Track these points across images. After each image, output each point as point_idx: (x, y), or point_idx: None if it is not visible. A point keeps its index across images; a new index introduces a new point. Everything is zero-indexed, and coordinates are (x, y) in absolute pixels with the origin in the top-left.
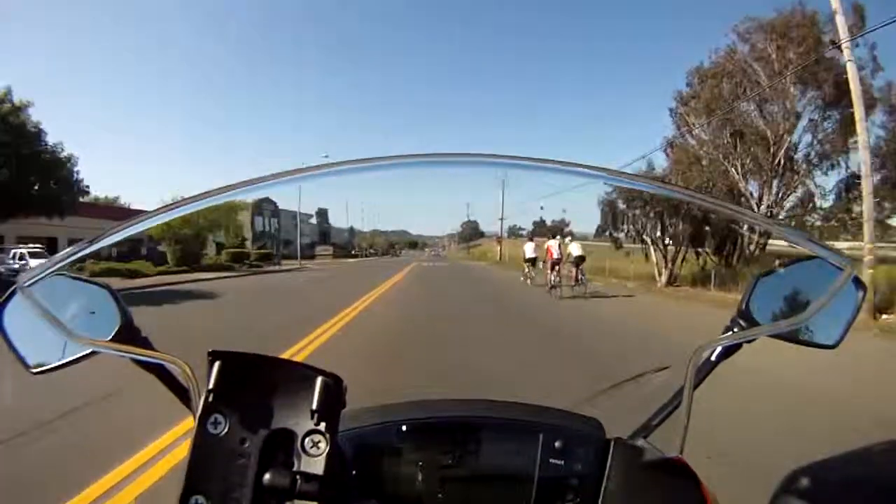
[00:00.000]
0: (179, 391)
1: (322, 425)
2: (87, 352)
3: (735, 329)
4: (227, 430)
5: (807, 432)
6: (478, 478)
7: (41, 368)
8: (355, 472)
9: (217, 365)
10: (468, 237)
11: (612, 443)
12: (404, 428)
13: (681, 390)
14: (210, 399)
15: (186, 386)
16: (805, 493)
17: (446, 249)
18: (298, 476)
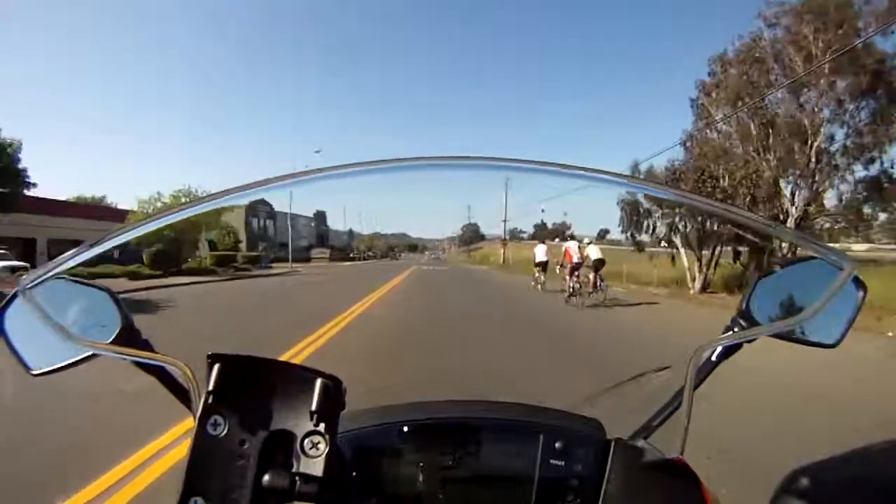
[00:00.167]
0: (180, 393)
1: (321, 427)
2: (87, 354)
3: (735, 329)
4: (226, 431)
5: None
6: (478, 479)
7: (42, 370)
8: (355, 473)
9: (217, 367)
10: (469, 240)
11: (613, 443)
12: (404, 429)
13: (681, 391)
14: (210, 401)
15: (187, 388)
16: (805, 493)
17: (446, 252)
18: (298, 477)
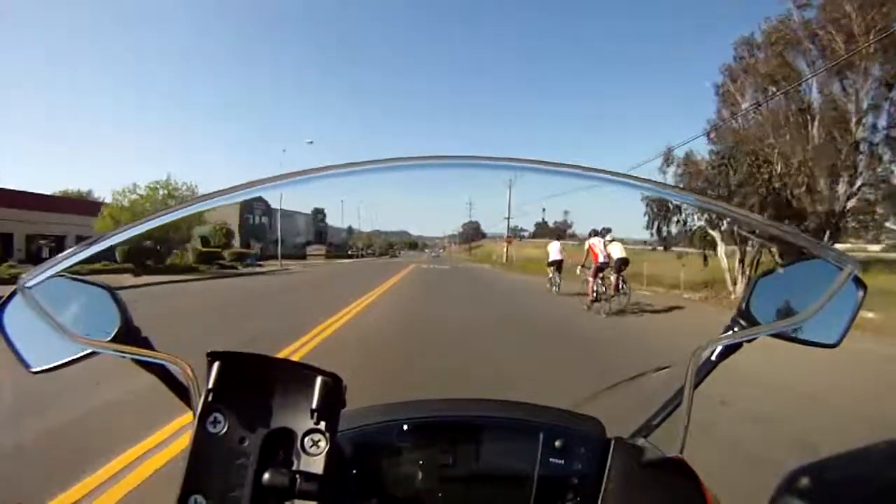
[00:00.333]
0: (180, 390)
1: (322, 424)
2: (87, 352)
3: (735, 328)
4: (226, 429)
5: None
6: (478, 477)
7: (41, 368)
8: (355, 471)
9: (217, 365)
10: (469, 238)
11: (613, 442)
12: (404, 427)
13: (681, 390)
14: (210, 398)
15: (186, 385)
16: (805, 492)
17: (446, 250)
18: (298, 475)
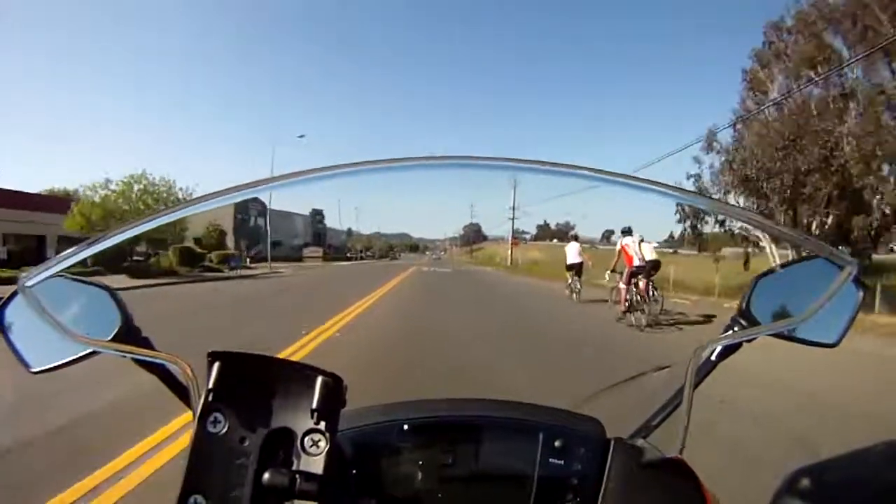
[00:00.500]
0: (180, 390)
1: (322, 424)
2: (87, 352)
3: (735, 328)
4: (226, 429)
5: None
6: (478, 477)
7: (41, 368)
8: (355, 471)
9: (217, 365)
10: (470, 240)
11: (612, 443)
12: (404, 427)
13: (681, 390)
14: (210, 398)
15: (187, 385)
16: (805, 493)
17: (447, 252)
18: (298, 475)
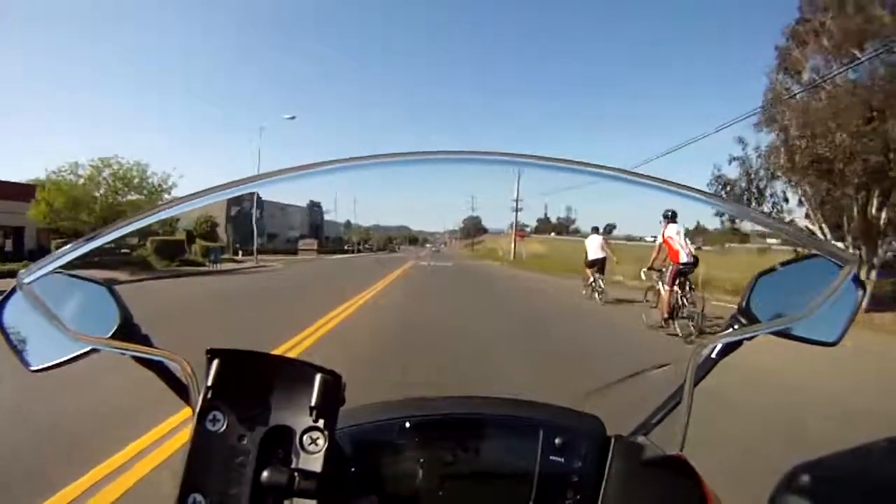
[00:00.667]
0: (179, 388)
1: (321, 422)
2: (86, 349)
3: (735, 326)
4: (225, 426)
5: None
6: (478, 475)
7: (41, 366)
8: (354, 469)
9: (216, 362)
10: (470, 233)
11: (613, 440)
12: (404, 425)
13: (681, 387)
14: (209, 396)
15: (186, 383)
16: (805, 491)
17: (447, 245)
18: (297, 473)
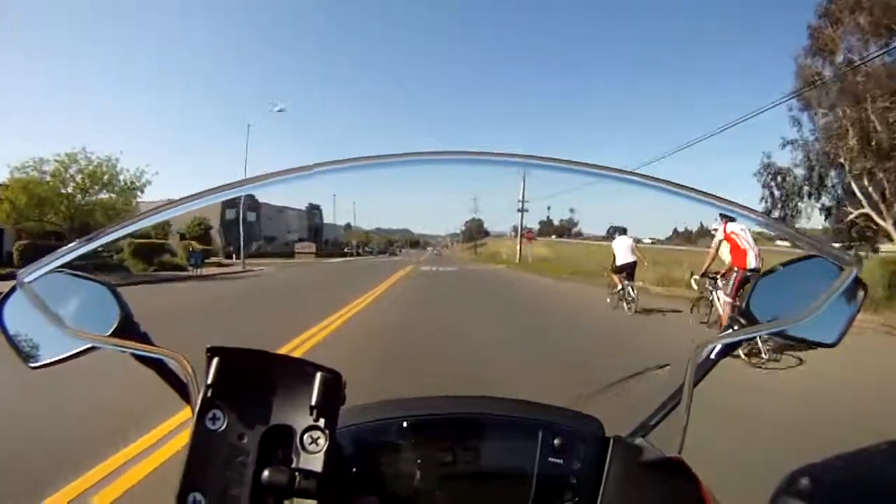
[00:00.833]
0: (178, 386)
1: (321, 421)
2: (86, 346)
3: (735, 327)
4: (225, 425)
5: None
6: (477, 475)
7: (40, 363)
8: (354, 468)
9: (216, 361)
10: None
11: (612, 441)
12: (404, 424)
13: (680, 388)
14: (209, 394)
15: (185, 381)
16: (805, 493)
17: (449, 248)
18: (297, 472)
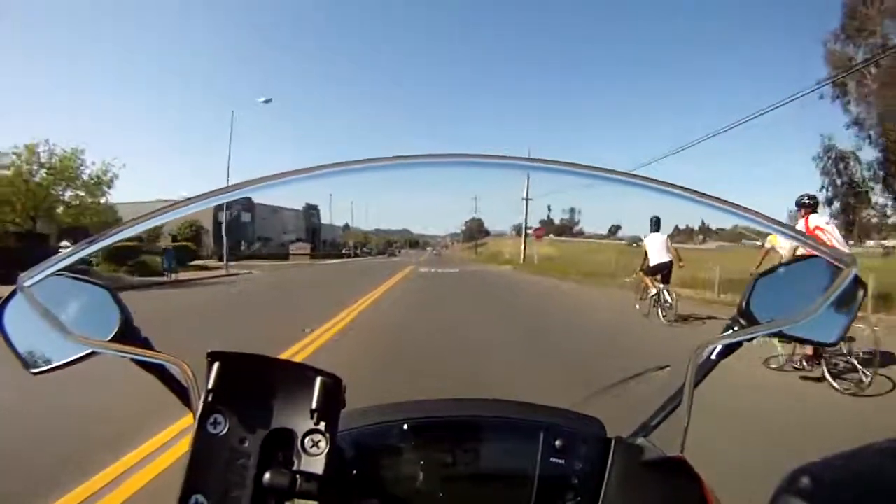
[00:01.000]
0: (179, 391)
1: (322, 425)
2: (86, 352)
3: (735, 328)
4: (226, 429)
5: None
6: (478, 477)
7: (41, 369)
8: (355, 471)
9: (216, 365)
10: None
11: (613, 442)
12: (405, 427)
13: (681, 389)
14: (210, 399)
15: (186, 386)
16: (806, 491)
17: (449, 249)
18: (298, 476)
